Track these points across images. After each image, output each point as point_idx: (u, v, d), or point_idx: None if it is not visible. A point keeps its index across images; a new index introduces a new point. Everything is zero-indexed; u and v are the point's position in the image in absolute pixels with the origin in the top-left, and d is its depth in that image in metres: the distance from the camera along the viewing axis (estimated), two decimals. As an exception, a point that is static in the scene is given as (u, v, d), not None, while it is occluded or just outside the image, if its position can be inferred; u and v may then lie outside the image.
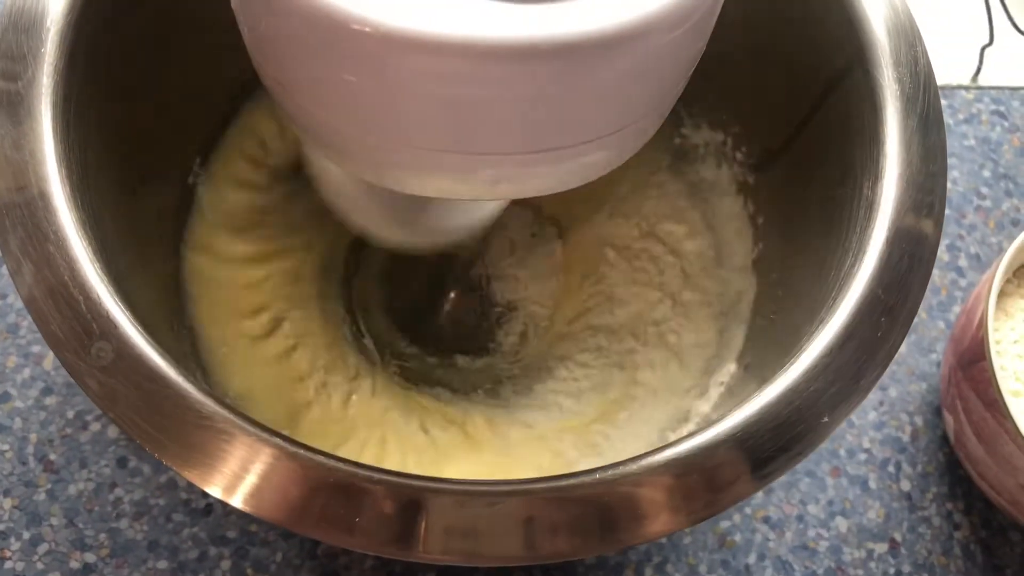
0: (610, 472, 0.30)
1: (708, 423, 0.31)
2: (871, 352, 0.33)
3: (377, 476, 0.30)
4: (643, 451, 0.31)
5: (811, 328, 0.34)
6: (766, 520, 0.50)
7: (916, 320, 0.55)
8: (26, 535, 0.47)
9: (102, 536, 0.47)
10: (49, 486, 0.48)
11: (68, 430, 0.49)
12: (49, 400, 0.50)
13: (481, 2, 0.25)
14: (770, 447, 0.31)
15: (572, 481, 0.31)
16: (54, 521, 0.47)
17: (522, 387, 0.49)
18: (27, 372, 0.50)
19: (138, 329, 0.31)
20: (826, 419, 0.32)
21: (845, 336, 0.33)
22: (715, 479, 0.31)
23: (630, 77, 0.28)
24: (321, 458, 0.30)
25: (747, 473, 0.31)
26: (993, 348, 0.45)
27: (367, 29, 0.25)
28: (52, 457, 0.48)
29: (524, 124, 0.28)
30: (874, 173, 0.36)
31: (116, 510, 0.48)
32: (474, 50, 0.25)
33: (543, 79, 0.26)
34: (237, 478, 0.29)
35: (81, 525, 0.47)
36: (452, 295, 0.51)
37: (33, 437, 0.49)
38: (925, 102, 0.37)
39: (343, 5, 0.25)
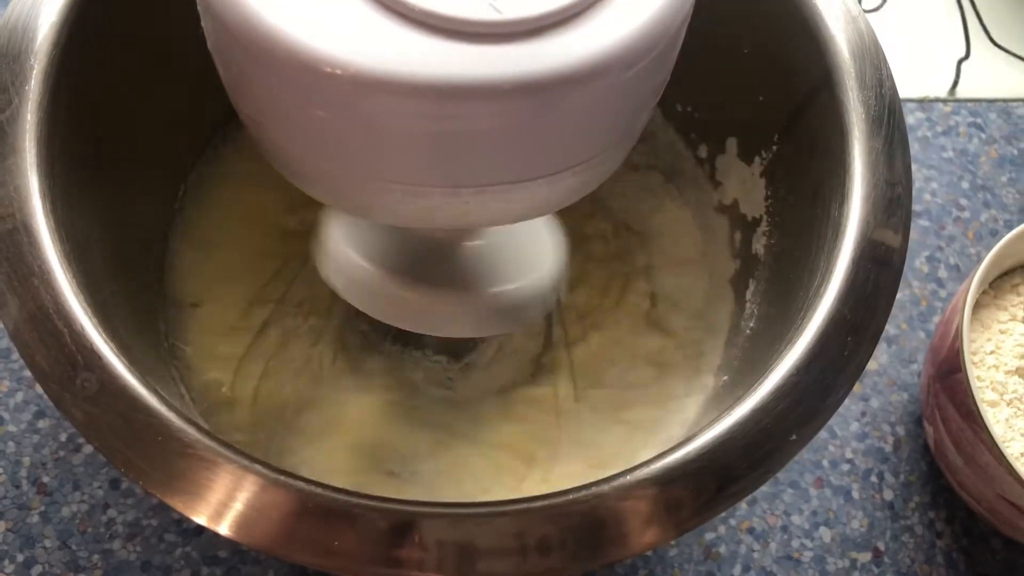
0: (583, 492, 0.31)
1: (680, 442, 0.32)
2: (838, 371, 0.34)
3: (359, 501, 0.31)
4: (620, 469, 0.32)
5: (780, 347, 0.35)
6: (751, 531, 0.51)
7: (897, 331, 0.56)
8: (20, 557, 0.47)
9: (95, 557, 0.48)
10: (42, 508, 0.48)
11: (61, 453, 0.50)
12: (42, 423, 0.50)
13: (448, 43, 0.26)
14: (741, 465, 0.32)
15: (549, 502, 0.31)
16: (47, 543, 0.48)
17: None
18: (20, 396, 0.51)
19: (122, 360, 0.31)
20: (794, 437, 0.33)
21: (812, 355, 0.34)
22: (689, 497, 0.31)
23: (596, 110, 0.28)
24: (302, 484, 0.30)
25: (719, 491, 0.32)
26: (969, 359, 0.46)
27: (339, 71, 0.26)
28: (45, 480, 0.49)
29: (492, 158, 0.28)
30: (841, 194, 0.37)
31: (109, 531, 0.48)
32: (441, 90, 0.26)
33: (509, 116, 0.27)
34: (222, 506, 0.30)
35: (74, 547, 0.48)
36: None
37: (26, 460, 0.49)
38: (891, 124, 0.37)
39: (314, 48, 0.26)
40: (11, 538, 0.48)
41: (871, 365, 0.55)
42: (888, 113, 0.37)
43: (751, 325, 0.44)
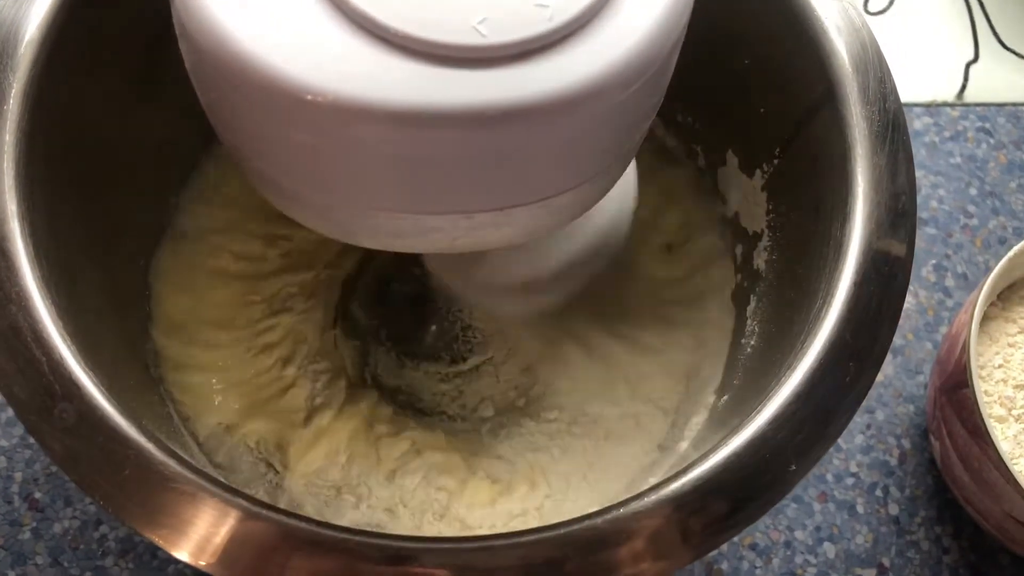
0: (575, 526, 0.30)
1: (675, 473, 0.31)
2: (839, 398, 0.33)
3: (344, 536, 0.30)
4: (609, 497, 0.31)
5: (779, 372, 0.34)
6: (753, 547, 0.50)
7: (903, 342, 0.55)
8: (12, 574, 0.47)
9: (88, 574, 0.47)
10: (34, 525, 0.48)
11: (53, 468, 0.49)
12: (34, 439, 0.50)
13: (431, 68, 0.25)
14: (738, 496, 0.31)
15: (541, 535, 0.31)
16: (39, 560, 0.47)
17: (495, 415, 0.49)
18: (11, 411, 0.50)
19: (101, 390, 0.31)
20: (794, 467, 0.32)
21: (812, 382, 0.33)
22: (683, 531, 0.31)
23: (586, 135, 0.28)
24: (283, 517, 0.30)
25: (716, 524, 0.31)
26: (977, 373, 0.45)
27: (319, 99, 0.25)
28: (37, 496, 0.49)
29: (479, 184, 0.28)
30: (843, 212, 0.36)
31: (101, 548, 0.48)
32: (424, 116, 0.25)
33: (495, 142, 0.26)
34: (205, 541, 0.29)
35: (66, 564, 0.47)
36: (433, 328, 0.51)
37: (18, 476, 0.49)
38: (894, 140, 0.36)
39: (294, 74, 0.25)
40: (2, 555, 0.47)
41: (876, 376, 0.54)
42: (892, 128, 0.36)
43: (752, 343, 0.43)
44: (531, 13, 0.25)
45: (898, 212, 0.35)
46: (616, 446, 0.46)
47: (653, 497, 0.31)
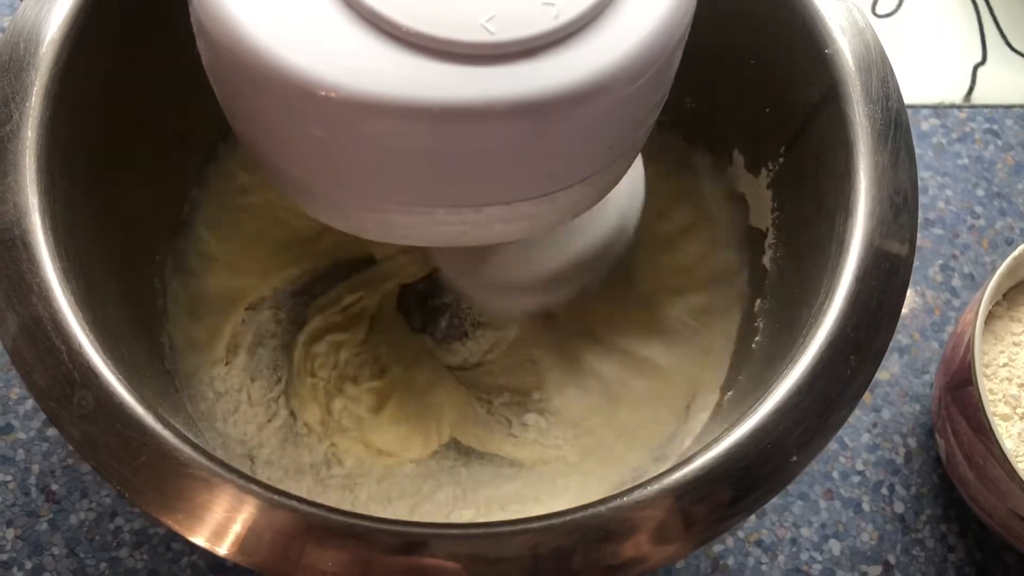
0: (581, 514, 0.31)
1: (677, 464, 0.32)
2: (840, 391, 0.33)
3: (355, 522, 0.30)
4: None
5: (782, 366, 0.34)
6: (759, 543, 0.51)
7: (909, 341, 0.56)
8: (28, 565, 0.48)
9: (103, 565, 0.48)
10: (51, 516, 0.49)
11: (69, 460, 0.50)
12: (51, 431, 0.51)
13: (441, 65, 0.26)
14: (740, 487, 0.32)
15: (545, 523, 0.31)
16: (56, 551, 0.48)
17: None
18: (29, 403, 0.51)
19: (119, 377, 0.31)
20: (795, 458, 0.32)
21: (814, 375, 0.33)
22: (683, 520, 0.31)
23: (592, 129, 0.28)
24: (294, 503, 0.30)
25: (716, 513, 0.31)
26: (982, 372, 0.45)
27: (332, 95, 0.26)
28: (54, 487, 0.49)
29: (488, 179, 0.28)
30: (845, 210, 0.36)
31: (116, 539, 0.48)
32: (434, 112, 0.26)
33: (502, 137, 0.27)
34: (221, 527, 0.30)
35: (82, 554, 0.48)
36: (443, 323, 0.52)
37: (35, 468, 0.50)
38: (897, 138, 0.37)
39: (307, 70, 0.26)
40: (20, 545, 0.48)
41: (883, 375, 0.55)
42: (894, 127, 0.37)
43: (757, 339, 0.44)
44: (538, 11, 0.26)
45: (900, 209, 0.36)
46: (620, 435, 0.47)
47: (656, 486, 0.31)
